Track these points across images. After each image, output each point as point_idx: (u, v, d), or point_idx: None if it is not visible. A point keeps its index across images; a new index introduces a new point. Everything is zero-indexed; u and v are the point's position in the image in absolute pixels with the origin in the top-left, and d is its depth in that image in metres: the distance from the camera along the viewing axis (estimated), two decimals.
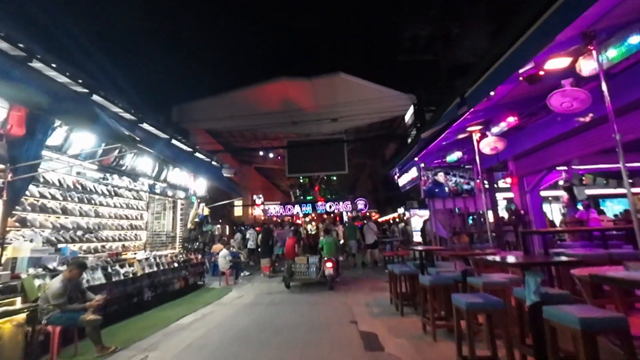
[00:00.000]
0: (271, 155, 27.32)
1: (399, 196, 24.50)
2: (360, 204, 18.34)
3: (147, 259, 6.73)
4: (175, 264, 7.64)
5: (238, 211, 28.98)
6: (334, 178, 22.97)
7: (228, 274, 8.97)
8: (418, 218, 19.27)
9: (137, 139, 4.53)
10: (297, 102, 20.89)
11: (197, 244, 8.79)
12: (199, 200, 9.14)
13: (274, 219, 19.96)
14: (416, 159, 7.09)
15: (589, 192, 9.39)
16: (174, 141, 7.36)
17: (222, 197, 11.03)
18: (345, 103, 21.05)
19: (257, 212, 26.23)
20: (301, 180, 22.74)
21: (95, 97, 4.87)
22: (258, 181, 32.88)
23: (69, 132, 5.02)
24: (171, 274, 7.41)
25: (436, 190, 7.88)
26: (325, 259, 8.04)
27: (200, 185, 9.03)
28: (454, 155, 7.52)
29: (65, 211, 5.46)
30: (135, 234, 7.25)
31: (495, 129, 5.86)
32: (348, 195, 24.45)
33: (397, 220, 16.78)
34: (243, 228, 15.08)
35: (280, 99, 20.73)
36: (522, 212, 7.08)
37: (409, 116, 17.79)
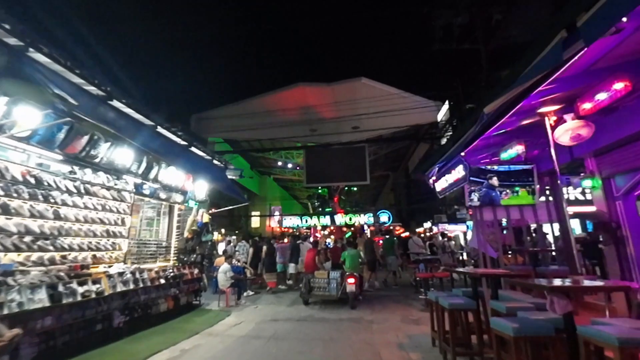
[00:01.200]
0: (290, 165, 26.06)
1: (425, 210, 22.40)
2: (384, 217, 16.50)
3: (121, 273, 5.28)
4: (162, 280, 6.16)
5: (255, 222, 27.67)
6: (355, 189, 21.27)
7: (228, 293, 7.40)
8: (449, 234, 17.11)
9: (75, 103, 3.18)
10: (316, 110, 19.57)
11: (195, 256, 7.34)
12: (197, 206, 7.75)
13: (289, 231, 18.38)
14: (463, 153, 5.40)
15: None
16: (162, 131, 6.01)
17: (226, 203, 9.73)
18: (367, 112, 19.62)
19: (274, 224, 24.78)
20: (319, 191, 21.16)
21: (38, 56, 3.57)
22: (277, 192, 31.63)
23: (11, 105, 3.72)
24: (155, 292, 5.93)
25: (490, 195, 6.09)
26: (347, 274, 7.05)
27: (200, 187, 7.64)
28: (513, 150, 5.72)
29: (5, 210, 4.12)
30: (114, 243, 5.85)
31: (586, 106, 4.09)
32: (370, 207, 22.55)
33: (444, 234, 14.77)
34: (257, 239, 13.62)
35: (298, 106, 19.50)
36: (613, 224, 5.15)
37: (442, 115, 15.99)
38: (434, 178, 7.20)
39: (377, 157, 24.51)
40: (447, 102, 13.23)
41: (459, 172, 5.72)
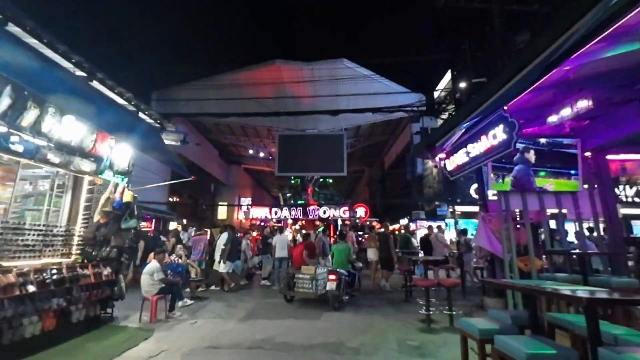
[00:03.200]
0: (262, 154, 23.57)
1: (401, 206, 20.91)
2: (360, 210, 14.67)
3: None
4: (31, 287, 3.76)
5: (222, 214, 24.94)
6: (330, 181, 19.33)
7: (155, 303, 5.07)
8: (424, 231, 15.57)
9: None
10: (293, 92, 17.38)
11: (107, 249, 4.96)
12: (119, 179, 5.33)
13: (257, 223, 16.05)
14: (505, 107, 3.51)
15: None
16: (46, 51, 3.60)
17: (189, 190, 7.47)
18: (348, 98, 17.71)
19: (242, 215, 22.27)
20: (292, 181, 18.99)
21: None
22: (247, 184, 28.97)
23: None
24: (13, 307, 3.53)
25: (527, 174, 4.30)
26: (329, 270, 6.01)
27: (120, 153, 5.23)
28: (564, 112, 3.91)
29: None
30: None
31: None
32: (345, 201, 20.69)
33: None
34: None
35: (273, 86, 17.20)
36: None
37: (445, 83, 14.35)
38: (442, 156, 5.31)
39: (354, 150, 22.68)
40: (449, 71, 11.49)
41: (497, 135, 3.79)
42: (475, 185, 15.67)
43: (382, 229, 9.57)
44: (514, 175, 4.44)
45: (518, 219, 6.04)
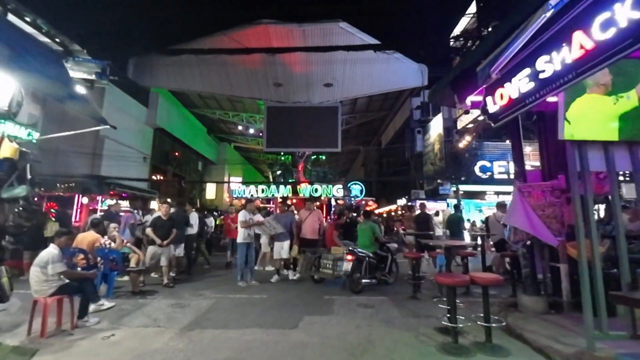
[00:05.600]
0: (252, 130, 21.49)
1: (399, 185, 19.26)
2: (356, 189, 12.95)
3: None
4: None
5: (210, 194, 23.08)
6: (323, 157, 17.52)
7: (48, 308, 3.32)
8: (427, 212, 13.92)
9: None
10: (283, 59, 15.20)
11: None
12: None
13: (241, 203, 14.29)
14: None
15: None
16: None
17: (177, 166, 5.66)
18: (344, 66, 15.61)
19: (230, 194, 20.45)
20: (282, 158, 17.13)
21: None
22: (237, 162, 26.99)
23: None
24: None
25: None
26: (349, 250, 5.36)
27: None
28: None
29: None
30: None
31: None
32: (340, 179, 18.93)
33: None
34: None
35: (261, 55, 14.98)
36: None
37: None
38: (472, 100, 3.49)
39: (350, 127, 20.69)
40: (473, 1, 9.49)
41: (615, 20, 1.95)
42: (481, 162, 13.97)
43: (419, 211, 8.07)
44: None
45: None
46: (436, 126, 15.13)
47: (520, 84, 2.74)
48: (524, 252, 4.59)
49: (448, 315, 3.32)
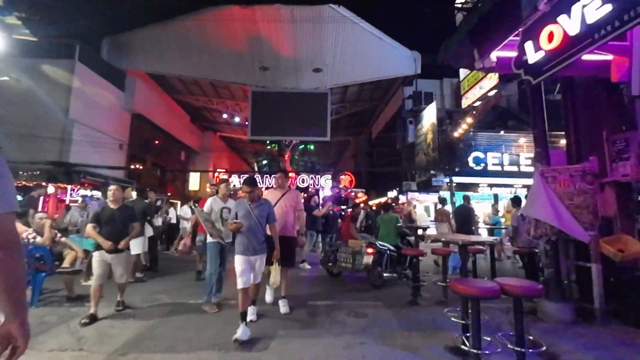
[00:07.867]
0: (237, 119, 20.26)
1: (389, 176, 18.52)
2: (345, 180, 12.07)
3: None
4: None
5: (194, 185, 21.83)
6: (312, 147, 16.56)
7: None
8: (418, 204, 13.21)
9: None
10: (269, 40, 14.02)
11: None
12: None
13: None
14: None
15: None
16: None
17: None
18: (334, 51, 14.55)
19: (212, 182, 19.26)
20: (268, 147, 16.08)
21: None
22: (224, 153, 25.71)
23: None
24: None
25: None
26: (367, 244, 5.02)
27: None
28: None
29: None
30: None
31: None
32: (328, 169, 17.99)
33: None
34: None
35: (246, 32, 13.75)
36: None
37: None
38: (499, 55, 2.59)
39: (340, 117, 19.72)
40: None
41: None
42: (475, 154, 13.27)
43: (439, 205, 7.33)
44: None
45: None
46: (429, 115, 14.33)
47: (587, 11, 1.85)
48: (546, 249, 3.76)
49: (466, 334, 2.45)
